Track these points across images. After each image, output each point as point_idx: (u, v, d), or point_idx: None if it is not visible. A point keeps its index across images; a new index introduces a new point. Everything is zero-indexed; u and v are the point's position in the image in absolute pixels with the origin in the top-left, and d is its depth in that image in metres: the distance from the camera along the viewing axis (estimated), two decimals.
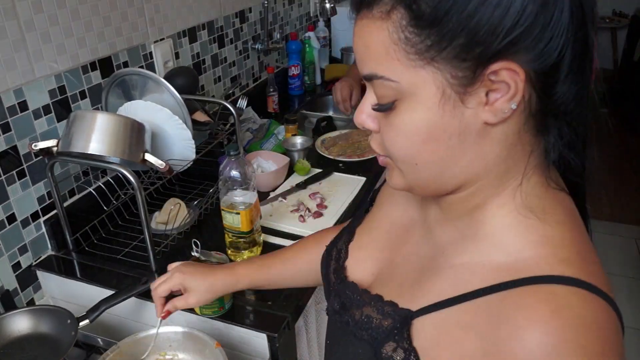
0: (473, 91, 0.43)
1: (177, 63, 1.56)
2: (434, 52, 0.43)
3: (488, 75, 0.42)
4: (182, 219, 1.26)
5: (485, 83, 0.43)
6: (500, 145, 0.46)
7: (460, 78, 0.43)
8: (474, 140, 0.46)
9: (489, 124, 0.45)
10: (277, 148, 1.67)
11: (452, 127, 0.45)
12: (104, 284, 1.12)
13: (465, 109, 0.44)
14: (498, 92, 0.43)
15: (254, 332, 0.99)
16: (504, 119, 0.44)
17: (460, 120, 0.45)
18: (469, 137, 0.46)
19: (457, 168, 0.48)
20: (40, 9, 1.10)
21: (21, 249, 1.15)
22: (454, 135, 0.46)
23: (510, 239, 0.48)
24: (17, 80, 1.08)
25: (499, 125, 0.45)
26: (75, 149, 1.04)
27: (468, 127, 0.45)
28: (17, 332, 0.98)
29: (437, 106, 0.44)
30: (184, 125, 1.20)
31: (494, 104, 0.43)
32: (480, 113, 0.44)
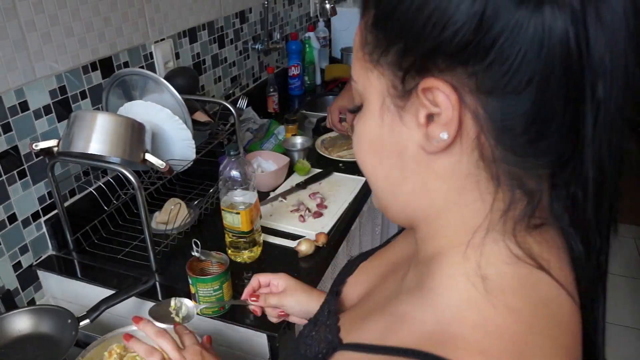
0: (410, 108, 0.39)
1: (177, 63, 1.56)
2: (378, 55, 0.40)
3: (424, 93, 0.38)
4: (182, 219, 1.26)
5: (422, 102, 0.38)
6: (446, 183, 0.41)
7: (397, 89, 0.40)
8: (413, 167, 0.41)
9: (425, 151, 0.40)
10: (277, 148, 1.67)
11: (390, 143, 0.42)
12: (105, 283, 1.12)
13: (403, 126, 0.40)
14: (435, 116, 0.38)
15: (254, 332, 0.99)
16: (441, 149, 0.39)
17: (399, 139, 0.41)
18: (408, 161, 0.41)
19: (403, 195, 0.44)
20: (41, 9, 1.10)
21: (22, 249, 1.15)
22: (392, 154, 0.42)
23: (447, 306, 0.40)
24: (17, 81, 1.08)
25: (441, 158, 0.39)
26: (75, 149, 1.04)
27: (406, 149, 0.41)
28: (18, 332, 0.98)
29: (378, 115, 0.42)
30: (184, 125, 1.20)
31: (427, 127, 0.39)
32: (416, 135, 0.40)
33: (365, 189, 1.47)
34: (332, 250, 1.23)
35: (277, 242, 1.24)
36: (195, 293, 0.98)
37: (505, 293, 0.39)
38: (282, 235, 1.27)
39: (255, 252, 1.17)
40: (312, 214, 1.34)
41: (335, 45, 2.66)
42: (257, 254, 1.17)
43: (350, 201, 1.41)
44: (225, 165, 1.10)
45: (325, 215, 1.35)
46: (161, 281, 1.12)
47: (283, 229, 1.29)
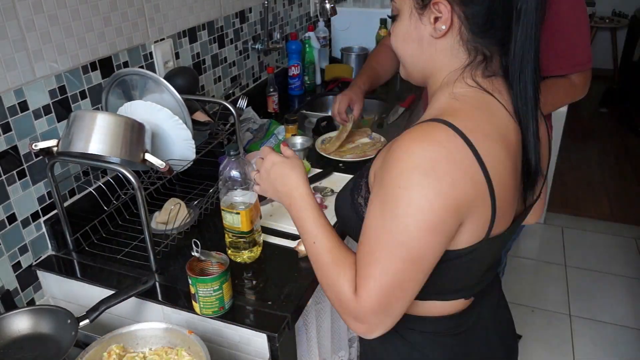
0: (426, 13, 0.73)
1: (177, 63, 1.56)
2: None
3: (433, 5, 0.71)
4: (182, 219, 1.26)
5: (432, 10, 0.71)
6: (442, 53, 0.74)
7: (419, 3, 0.73)
8: (427, 46, 0.75)
9: (433, 37, 0.73)
10: (277, 148, 1.66)
11: (414, 35, 0.75)
12: (104, 284, 1.12)
13: (421, 24, 0.74)
14: (439, 18, 0.71)
15: (254, 332, 0.99)
16: (441, 35, 0.72)
17: (418, 32, 0.74)
18: (424, 43, 0.75)
19: (420, 63, 0.78)
20: (41, 9, 1.10)
21: (21, 249, 1.15)
22: (415, 41, 0.76)
23: (441, 103, 0.74)
24: (17, 80, 1.08)
25: (441, 40, 0.73)
26: (75, 149, 1.04)
27: (423, 37, 0.74)
28: (18, 332, 0.98)
29: (408, 19, 0.75)
30: (184, 125, 1.20)
31: (434, 24, 0.72)
32: (428, 29, 0.73)
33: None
34: None
35: (277, 242, 1.24)
36: (195, 293, 0.98)
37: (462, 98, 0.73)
38: (282, 235, 1.26)
39: (255, 252, 1.17)
40: None
41: (335, 45, 2.66)
42: (257, 254, 1.17)
43: None
44: (225, 165, 1.10)
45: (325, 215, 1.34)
46: (161, 281, 1.12)
47: (283, 229, 1.29)
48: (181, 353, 0.95)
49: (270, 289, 1.08)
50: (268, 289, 1.08)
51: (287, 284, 1.09)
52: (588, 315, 2.41)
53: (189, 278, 0.98)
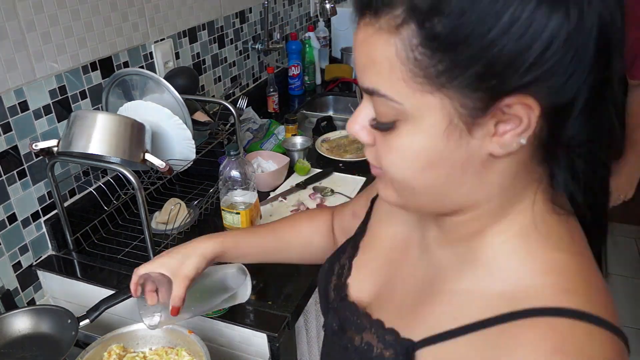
0: (482, 122, 0.40)
1: (177, 63, 1.56)
2: (445, 79, 0.39)
3: (501, 107, 0.40)
4: (182, 219, 1.26)
5: (496, 114, 0.40)
6: (503, 175, 0.44)
7: (470, 108, 0.40)
8: (476, 169, 0.43)
9: (494, 155, 0.42)
10: (277, 148, 1.67)
11: (455, 156, 0.42)
12: (105, 283, 1.12)
13: (471, 139, 0.41)
14: (508, 123, 0.40)
15: (254, 332, 0.99)
16: (511, 152, 0.42)
17: (466, 150, 0.42)
18: (472, 167, 0.43)
19: (456, 195, 0.46)
20: (41, 9, 1.10)
21: (22, 249, 1.15)
22: (456, 165, 0.43)
23: (510, 266, 0.45)
24: (17, 81, 1.08)
25: (508, 157, 0.42)
26: (75, 148, 1.04)
27: (472, 157, 0.42)
28: (18, 332, 0.98)
29: (442, 134, 0.41)
30: (184, 125, 1.20)
31: (502, 136, 0.41)
32: (486, 144, 0.41)
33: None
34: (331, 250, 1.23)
35: None
36: None
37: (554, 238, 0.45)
38: None
39: None
40: None
41: (335, 45, 2.66)
42: None
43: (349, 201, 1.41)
44: (225, 165, 1.10)
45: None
46: None
47: None
48: (181, 353, 0.95)
49: (270, 289, 1.08)
50: (268, 289, 1.08)
51: (287, 284, 1.09)
52: None
53: None
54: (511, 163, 0.43)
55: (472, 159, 0.43)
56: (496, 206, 0.46)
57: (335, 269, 0.67)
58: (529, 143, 0.41)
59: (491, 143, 0.41)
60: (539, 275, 0.43)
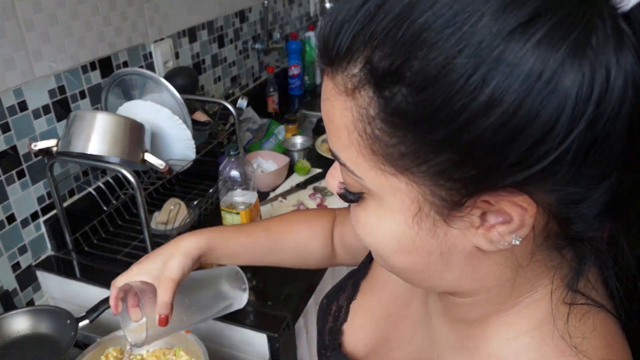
0: (462, 215, 0.32)
1: (177, 63, 1.56)
2: (409, 163, 0.31)
3: (485, 202, 0.31)
4: (182, 219, 1.26)
5: (479, 207, 0.32)
6: (501, 267, 0.36)
7: (442, 199, 0.32)
8: (462, 261, 0.35)
9: (483, 250, 0.34)
10: (277, 148, 1.66)
11: (431, 245, 0.35)
12: (104, 284, 1.12)
13: (450, 228, 0.33)
14: (498, 215, 0.32)
15: (254, 332, 0.99)
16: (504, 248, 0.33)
17: (444, 240, 0.34)
18: (456, 257, 0.35)
19: (444, 281, 0.38)
20: (40, 8, 1.10)
21: (21, 249, 1.15)
22: (433, 254, 0.35)
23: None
24: (16, 80, 1.07)
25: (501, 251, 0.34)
26: (75, 149, 1.04)
27: (454, 248, 0.34)
28: (17, 333, 0.98)
29: (412, 221, 0.34)
30: (184, 125, 1.20)
31: (490, 229, 0.32)
32: (470, 236, 0.33)
33: None
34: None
35: None
36: None
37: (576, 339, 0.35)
38: None
39: None
40: None
41: None
42: None
43: None
44: (225, 165, 1.10)
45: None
46: None
47: None
48: (179, 353, 0.95)
49: (270, 289, 1.08)
50: (268, 289, 1.08)
51: (287, 284, 1.08)
52: None
53: None
54: (509, 255, 0.35)
55: (454, 249, 0.34)
56: (499, 295, 0.38)
57: (332, 309, 0.61)
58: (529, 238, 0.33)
59: (476, 236, 0.33)
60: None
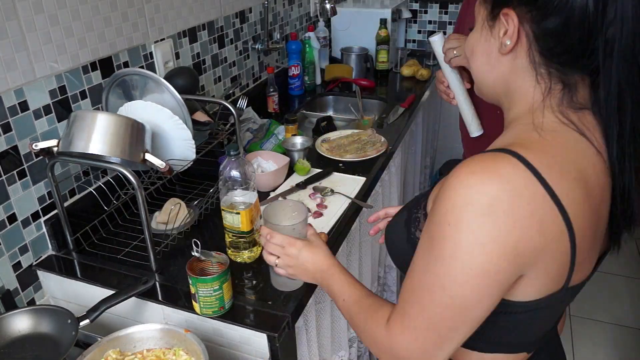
0: (496, 25, 0.66)
1: (177, 63, 1.56)
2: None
3: (503, 16, 0.63)
4: (182, 219, 1.26)
5: (502, 22, 0.64)
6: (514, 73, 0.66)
7: (489, 15, 0.67)
8: (495, 62, 0.68)
9: (501, 52, 0.66)
10: (277, 148, 1.67)
11: (484, 48, 0.69)
12: (105, 283, 1.12)
13: (491, 37, 0.67)
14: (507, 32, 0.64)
15: (254, 332, 0.99)
16: (507, 51, 0.64)
17: (488, 45, 0.68)
18: (492, 59, 0.68)
19: (491, 80, 0.70)
20: (41, 9, 1.10)
21: (22, 249, 1.15)
22: (484, 54, 0.69)
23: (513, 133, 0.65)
24: (17, 80, 1.08)
25: (509, 58, 0.65)
26: (75, 149, 1.04)
27: (492, 51, 0.67)
28: (18, 332, 0.98)
29: (480, 32, 0.69)
30: (184, 125, 1.20)
31: (502, 38, 0.65)
32: (496, 42, 0.66)
33: (365, 189, 1.47)
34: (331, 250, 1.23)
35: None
36: (196, 293, 0.98)
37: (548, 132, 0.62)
38: None
39: (255, 252, 1.17)
40: (312, 214, 1.34)
41: (335, 45, 2.66)
42: (257, 254, 1.17)
43: (349, 201, 1.41)
44: (225, 165, 1.10)
45: (325, 215, 1.35)
46: (161, 281, 1.12)
47: None
48: (179, 353, 0.95)
49: (270, 289, 1.08)
50: (268, 289, 1.08)
51: None
52: (588, 315, 2.40)
53: (189, 278, 0.98)
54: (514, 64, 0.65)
55: (491, 52, 0.68)
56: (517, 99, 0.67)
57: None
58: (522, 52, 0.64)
59: (497, 41, 0.66)
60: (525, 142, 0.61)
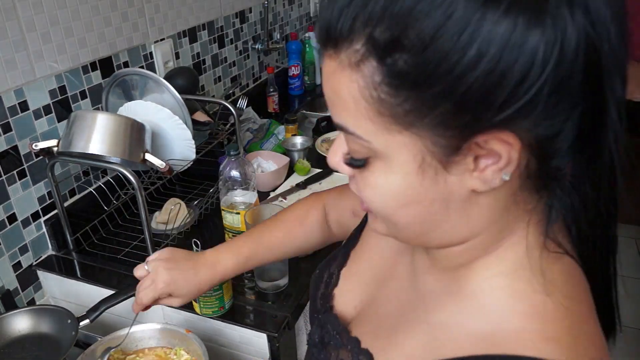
0: (458, 159, 0.38)
1: (177, 63, 1.56)
2: (413, 118, 0.36)
3: (477, 144, 0.37)
4: (182, 218, 1.26)
5: (472, 149, 0.37)
6: (490, 209, 0.41)
7: (443, 146, 0.37)
8: (459, 206, 0.41)
9: (477, 192, 0.39)
10: (277, 148, 1.67)
11: (434, 194, 0.40)
12: (105, 283, 1.12)
13: (449, 175, 0.39)
14: (488, 158, 0.37)
15: (254, 332, 0.99)
16: (496, 187, 0.39)
17: (444, 187, 0.39)
18: (454, 203, 0.40)
19: (441, 231, 0.43)
20: (41, 9, 1.10)
21: (22, 249, 1.15)
22: (435, 202, 0.41)
23: (494, 305, 0.42)
24: (17, 80, 1.08)
25: (492, 192, 0.40)
26: (75, 149, 1.04)
27: (452, 194, 0.40)
28: (18, 332, 0.98)
29: (416, 172, 0.39)
30: (184, 125, 1.20)
31: (483, 171, 0.38)
32: (466, 180, 0.39)
33: None
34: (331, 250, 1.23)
35: None
36: None
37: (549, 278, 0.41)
38: None
39: None
40: None
41: None
42: None
43: None
44: (225, 165, 1.10)
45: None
46: None
47: None
48: (180, 352, 0.95)
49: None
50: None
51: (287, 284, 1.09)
52: None
53: None
54: (497, 197, 0.40)
55: (453, 196, 0.40)
56: (485, 239, 0.43)
57: (324, 276, 0.66)
58: (515, 177, 0.39)
59: (472, 179, 0.38)
60: (522, 318, 0.40)
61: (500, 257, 0.43)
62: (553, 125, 0.36)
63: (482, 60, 0.33)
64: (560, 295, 0.40)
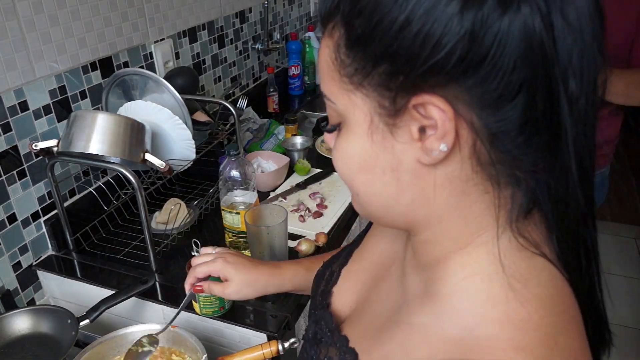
0: (402, 124, 0.39)
1: (177, 63, 1.56)
2: (360, 77, 0.40)
3: (415, 109, 0.38)
4: (182, 218, 1.26)
5: (414, 117, 0.38)
6: (445, 191, 0.41)
7: (386, 108, 0.39)
8: (410, 179, 0.41)
9: (423, 163, 0.40)
10: (277, 148, 1.67)
11: (384, 160, 0.41)
12: (104, 283, 1.12)
13: (396, 142, 0.40)
14: (431, 129, 0.38)
15: (254, 332, 0.99)
16: (439, 160, 0.39)
17: (392, 155, 0.41)
18: (404, 175, 0.41)
19: (400, 206, 0.44)
20: (41, 9, 1.10)
21: (22, 249, 1.15)
22: (386, 170, 0.41)
23: (468, 308, 0.41)
24: (17, 80, 1.08)
25: (439, 168, 0.40)
26: (75, 149, 1.04)
27: (401, 164, 0.41)
28: (18, 332, 0.98)
29: (367, 135, 0.41)
30: (184, 125, 1.20)
31: (425, 141, 0.39)
32: (411, 150, 0.40)
33: None
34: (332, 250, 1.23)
35: None
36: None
37: (522, 283, 0.40)
38: None
39: None
40: (312, 214, 1.34)
41: None
42: None
43: (350, 201, 1.41)
44: (225, 165, 1.10)
45: (325, 215, 1.35)
46: (161, 281, 1.12)
47: None
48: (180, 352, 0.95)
49: None
50: None
51: None
52: None
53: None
54: (449, 177, 0.40)
55: (401, 166, 0.41)
56: (452, 228, 0.43)
57: (326, 273, 0.67)
58: (464, 157, 0.39)
59: (415, 148, 0.39)
60: (496, 326, 0.39)
61: (473, 255, 0.43)
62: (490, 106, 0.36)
63: (411, 22, 0.35)
64: (537, 304, 0.39)
